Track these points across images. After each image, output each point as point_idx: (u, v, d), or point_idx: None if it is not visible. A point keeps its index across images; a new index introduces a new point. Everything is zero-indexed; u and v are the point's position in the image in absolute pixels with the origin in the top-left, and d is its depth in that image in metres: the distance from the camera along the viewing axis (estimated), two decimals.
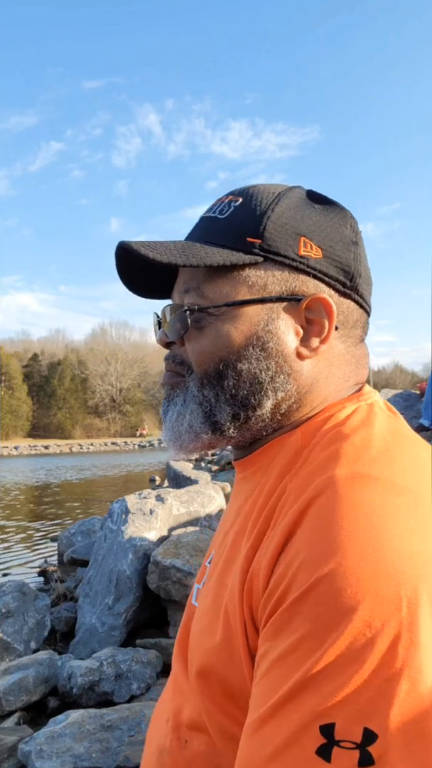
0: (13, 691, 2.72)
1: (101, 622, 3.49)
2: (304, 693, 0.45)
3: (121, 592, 3.55)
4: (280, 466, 0.64)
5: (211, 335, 0.66)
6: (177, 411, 0.69)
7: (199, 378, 0.67)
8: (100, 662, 2.90)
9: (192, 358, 0.68)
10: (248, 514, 0.65)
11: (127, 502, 4.01)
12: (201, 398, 0.67)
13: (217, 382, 0.66)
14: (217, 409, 0.67)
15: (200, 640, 0.64)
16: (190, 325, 0.67)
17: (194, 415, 0.68)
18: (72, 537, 5.25)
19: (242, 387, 0.66)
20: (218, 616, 0.61)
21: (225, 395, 0.66)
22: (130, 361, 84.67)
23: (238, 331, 0.65)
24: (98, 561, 3.90)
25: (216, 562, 0.69)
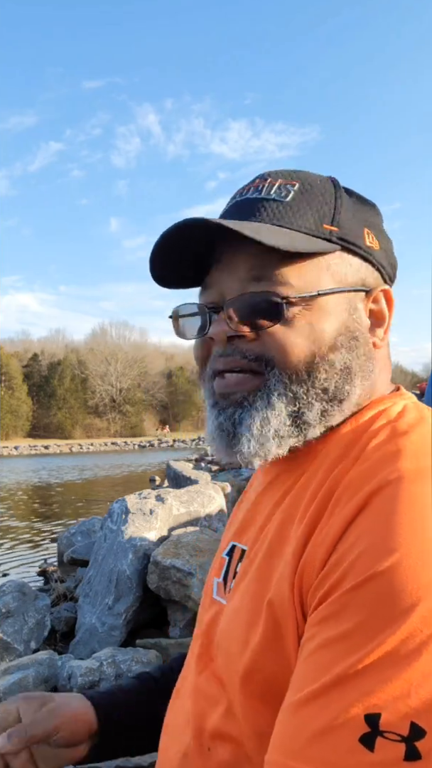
0: (13, 691, 2.72)
1: (101, 622, 3.49)
2: (354, 680, 0.45)
3: (121, 592, 3.55)
4: (331, 458, 0.62)
5: (301, 326, 0.62)
6: (260, 416, 0.62)
7: (288, 374, 0.62)
8: (100, 662, 2.90)
9: (279, 352, 0.62)
10: (295, 505, 0.62)
11: (127, 502, 4.01)
12: (290, 396, 0.62)
13: (308, 376, 0.62)
14: (306, 407, 0.62)
15: (239, 637, 0.61)
16: (284, 317, 0.61)
17: (281, 417, 0.62)
18: (72, 537, 5.25)
19: (333, 379, 0.63)
20: (260, 611, 0.59)
21: (316, 390, 0.62)
22: (130, 361, 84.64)
23: (328, 321, 0.63)
24: (98, 561, 3.90)
25: (252, 557, 0.66)
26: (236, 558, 0.72)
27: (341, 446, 0.62)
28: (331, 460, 0.62)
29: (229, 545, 0.75)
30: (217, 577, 0.74)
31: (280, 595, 0.56)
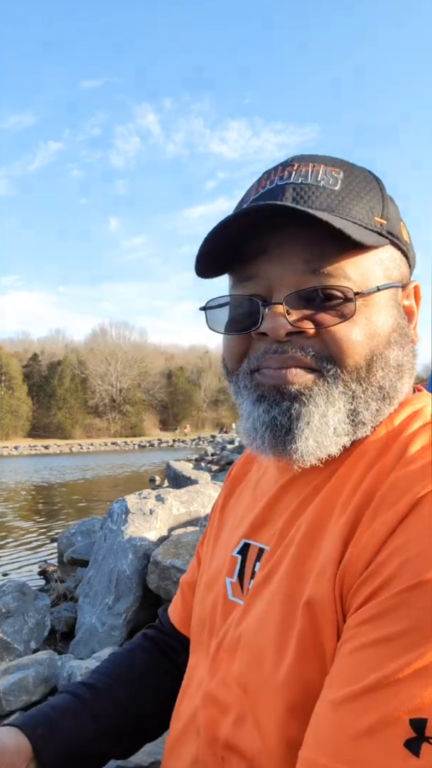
0: (13, 691, 2.72)
1: (101, 622, 3.49)
2: (400, 684, 0.44)
3: (121, 592, 3.55)
4: (369, 457, 0.60)
5: (361, 323, 0.59)
6: (319, 412, 0.59)
7: (349, 371, 0.59)
8: (100, 662, 2.89)
9: (340, 349, 0.59)
10: (330, 503, 0.60)
11: (127, 502, 4.01)
12: (349, 394, 0.60)
13: (366, 374, 0.60)
14: (363, 406, 0.60)
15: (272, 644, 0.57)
16: (354, 312, 0.58)
17: (339, 415, 0.60)
18: (72, 537, 5.25)
19: (388, 377, 0.61)
20: (295, 613, 0.56)
21: (372, 389, 0.60)
22: (129, 361, 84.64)
23: (384, 317, 0.61)
24: (98, 561, 3.90)
25: (279, 557, 0.63)
26: (252, 557, 0.69)
27: (378, 446, 0.60)
28: (369, 460, 0.59)
29: (241, 543, 0.71)
30: (229, 577, 0.71)
31: (321, 594, 0.54)
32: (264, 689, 0.57)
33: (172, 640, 0.90)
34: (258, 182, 0.66)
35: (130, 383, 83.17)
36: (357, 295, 0.59)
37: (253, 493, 0.77)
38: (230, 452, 16.45)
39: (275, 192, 0.61)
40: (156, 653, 0.90)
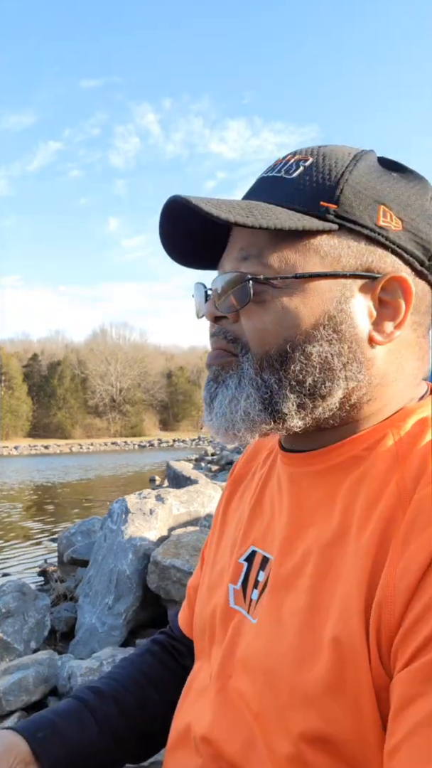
0: (13, 691, 2.72)
1: (101, 622, 3.49)
2: None
3: (121, 592, 3.55)
4: (379, 471, 0.56)
5: (274, 310, 0.58)
6: (230, 395, 0.60)
7: (258, 359, 0.59)
8: (100, 662, 2.90)
9: (250, 336, 0.59)
10: (342, 523, 0.56)
11: (127, 502, 4.01)
12: (259, 382, 0.59)
13: (280, 365, 0.58)
14: (279, 397, 0.59)
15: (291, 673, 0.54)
16: (251, 298, 0.58)
17: (251, 400, 0.59)
18: (72, 537, 5.25)
19: (310, 373, 0.58)
20: (320, 647, 0.52)
21: (289, 381, 0.58)
22: (129, 361, 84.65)
23: (307, 307, 0.58)
24: (98, 561, 3.90)
25: (289, 574, 0.60)
26: (256, 566, 0.66)
27: (388, 458, 0.57)
28: (380, 474, 0.56)
29: (249, 550, 0.69)
30: (233, 583, 0.69)
31: (349, 633, 0.50)
32: (279, 717, 0.55)
33: (181, 645, 0.88)
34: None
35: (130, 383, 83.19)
36: (265, 281, 0.58)
37: (255, 495, 0.75)
38: (230, 452, 16.44)
39: (252, 185, 0.65)
40: (165, 658, 0.88)
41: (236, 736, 0.59)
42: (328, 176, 0.59)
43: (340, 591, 0.53)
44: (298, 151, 0.63)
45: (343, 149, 0.62)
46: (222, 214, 0.55)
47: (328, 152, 0.61)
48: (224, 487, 0.85)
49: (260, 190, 0.62)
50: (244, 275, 0.59)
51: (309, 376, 0.58)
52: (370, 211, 0.58)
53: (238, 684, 0.61)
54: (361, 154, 0.61)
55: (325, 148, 0.62)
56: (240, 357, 0.60)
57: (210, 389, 0.63)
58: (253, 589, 0.65)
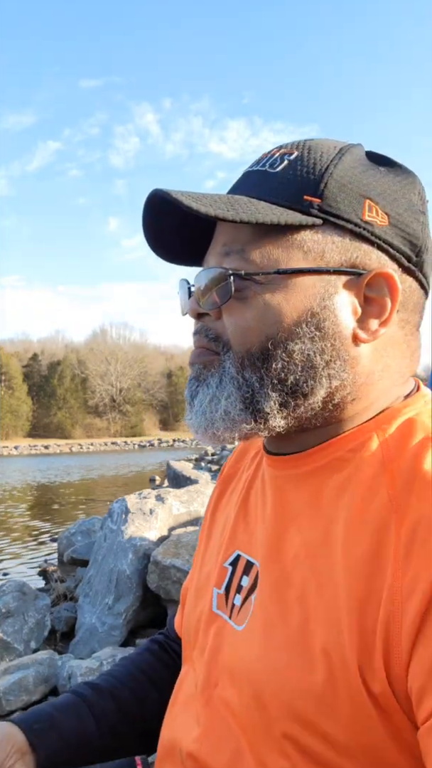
0: (13, 691, 2.72)
1: (101, 622, 3.49)
2: None
3: (121, 591, 3.55)
4: (366, 477, 0.55)
5: (256, 307, 0.57)
6: (210, 394, 0.59)
7: (239, 357, 0.58)
8: (100, 662, 2.90)
9: (231, 334, 0.58)
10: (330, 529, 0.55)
11: (127, 502, 4.01)
12: (240, 381, 0.57)
13: (261, 363, 0.57)
14: (260, 396, 0.57)
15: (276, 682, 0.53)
16: (232, 294, 0.57)
17: (231, 399, 0.58)
18: (72, 537, 5.25)
19: (292, 371, 0.57)
20: (309, 656, 0.51)
21: (271, 379, 0.57)
22: (129, 361, 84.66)
23: (290, 304, 0.56)
24: (98, 561, 3.90)
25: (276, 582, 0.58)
26: (240, 570, 0.65)
27: (374, 462, 0.55)
28: (367, 479, 0.54)
29: (234, 554, 0.68)
30: (217, 587, 0.68)
31: (339, 647, 0.50)
32: (267, 730, 0.54)
33: (178, 647, 0.88)
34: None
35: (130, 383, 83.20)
36: (247, 277, 0.56)
37: (241, 497, 0.73)
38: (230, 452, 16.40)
39: (238, 179, 0.64)
40: (164, 657, 0.89)
41: (223, 751, 0.58)
42: (313, 170, 0.57)
43: (330, 602, 0.52)
44: (284, 145, 0.61)
45: (328, 143, 0.60)
46: (202, 208, 0.53)
47: (314, 146, 0.59)
48: (214, 487, 0.83)
49: (245, 185, 0.61)
50: (225, 271, 0.57)
51: (291, 375, 0.57)
52: (355, 206, 0.56)
53: (224, 694, 0.60)
54: (347, 148, 0.59)
55: (311, 142, 0.60)
56: (222, 355, 0.59)
57: (191, 387, 0.62)
58: (236, 593, 0.64)
